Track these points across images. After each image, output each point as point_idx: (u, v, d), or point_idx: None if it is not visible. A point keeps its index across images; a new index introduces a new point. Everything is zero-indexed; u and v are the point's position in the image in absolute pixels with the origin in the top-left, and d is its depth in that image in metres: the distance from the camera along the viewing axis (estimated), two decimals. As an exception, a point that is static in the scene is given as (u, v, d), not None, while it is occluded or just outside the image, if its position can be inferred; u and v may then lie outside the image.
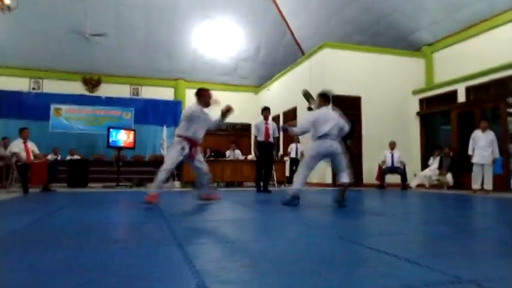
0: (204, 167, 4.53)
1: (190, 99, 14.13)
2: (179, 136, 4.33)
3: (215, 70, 13.91)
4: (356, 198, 6.50)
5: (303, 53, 12.49)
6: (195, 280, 1.46)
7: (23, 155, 6.92)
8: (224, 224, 3.11)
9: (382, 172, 9.08)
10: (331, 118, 4.50)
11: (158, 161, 11.57)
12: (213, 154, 10.36)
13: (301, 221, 3.25)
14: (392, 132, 9.84)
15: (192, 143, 4.33)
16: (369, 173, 9.71)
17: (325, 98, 4.72)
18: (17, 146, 6.97)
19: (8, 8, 7.83)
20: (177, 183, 9.89)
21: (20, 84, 12.35)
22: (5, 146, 7.85)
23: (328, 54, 10.02)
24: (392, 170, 9.04)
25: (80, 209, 4.27)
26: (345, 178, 4.43)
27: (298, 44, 12.88)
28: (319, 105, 4.71)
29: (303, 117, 10.78)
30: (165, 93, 14.01)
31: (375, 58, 10.39)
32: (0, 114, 11.50)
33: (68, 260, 1.82)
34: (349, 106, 10.01)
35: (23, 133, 7.11)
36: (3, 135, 9.07)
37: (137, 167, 10.91)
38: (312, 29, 12.06)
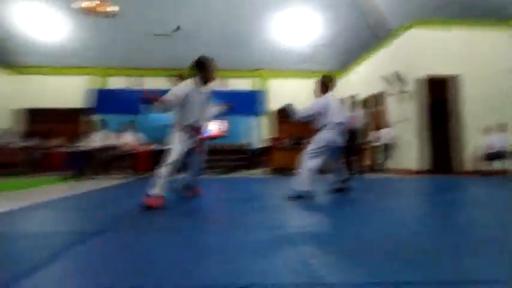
0: (203, 160, 3.89)
1: (271, 89, 14.42)
2: (179, 125, 3.47)
3: (294, 58, 13.87)
4: (458, 185, 6.00)
5: (386, 35, 11.75)
6: (300, 260, 1.56)
7: (132, 145, 7.83)
8: (319, 210, 3.16)
9: (488, 157, 8.21)
10: (340, 107, 4.04)
11: (245, 150, 12.13)
12: (295, 142, 10.44)
13: (399, 210, 3.15)
14: (495, 113, 8.81)
15: (197, 131, 3.57)
16: (471, 159, 8.85)
17: (327, 83, 4.08)
18: (126, 137, 7.92)
19: (112, 14, 8.80)
20: (263, 170, 10.23)
21: (124, 82, 13.89)
22: (117, 138, 8.97)
23: (416, 33, 9.29)
24: (501, 155, 8.10)
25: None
26: (345, 173, 4.28)
27: (380, 25, 12.13)
28: (322, 92, 4.05)
29: (390, 100, 10.23)
30: (247, 84, 14.47)
31: (469, 33, 9.34)
32: (111, 110, 13.11)
33: (178, 237, 2.08)
34: (444, 87, 9.21)
35: (131, 126, 8.03)
36: (112, 128, 10.33)
37: (226, 155, 11.56)
38: (396, 8, 11.23)
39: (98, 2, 8.57)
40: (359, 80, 12.61)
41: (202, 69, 3.47)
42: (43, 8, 11.61)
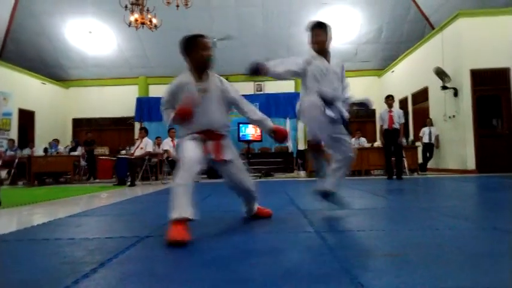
0: (247, 176, 2.68)
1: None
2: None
3: (334, 57, 13.64)
4: (509, 185, 5.63)
5: (432, 28, 11.29)
6: (339, 265, 1.53)
7: (172, 151, 8.05)
8: (357, 213, 3.10)
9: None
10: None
11: (283, 152, 12.09)
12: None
13: (443, 211, 3.00)
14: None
15: (205, 134, 2.46)
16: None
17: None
18: (167, 144, 8.16)
19: (155, 26, 9.18)
20: (302, 173, 10.15)
21: (165, 90, 14.32)
22: (158, 145, 9.26)
23: (464, 24, 8.82)
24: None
25: (222, 197, 4.76)
26: None
27: (426, 17, 11.67)
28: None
29: (435, 96, 9.80)
30: (286, 87, 14.42)
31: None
32: (152, 118, 13.57)
33: (224, 240, 2.10)
34: (494, 80, 8.68)
35: (171, 133, 8.26)
36: (154, 135, 10.68)
37: (265, 159, 11.56)
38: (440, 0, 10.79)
39: (143, 15, 8.96)
40: (401, 78, 12.21)
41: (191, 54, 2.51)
42: (94, 23, 12.31)
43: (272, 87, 14.45)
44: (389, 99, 7.35)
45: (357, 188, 5.49)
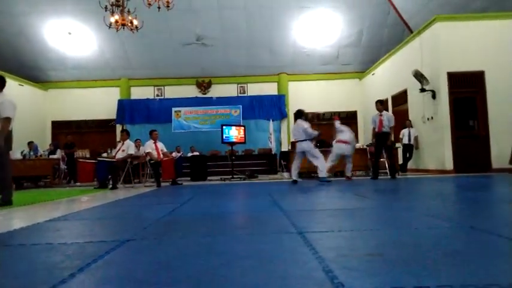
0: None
1: (293, 92, 14.38)
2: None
3: (316, 60, 13.81)
4: (486, 184, 5.80)
5: (411, 32, 11.55)
6: (320, 265, 1.54)
7: (155, 153, 7.95)
8: (340, 213, 3.13)
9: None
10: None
11: (267, 154, 12.11)
12: (318, 144, 10.33)
13: (423, 211, 3.07)
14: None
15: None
16: (499, 157, 8.54)
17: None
18: (149, 146, 8.05)
19: (136, 27, 9.06)
20: (285, 174, 10.19)
21: (147, 92, 14.17)
22: (138, 147, 9.13)
23: (441, 28, 9.07)
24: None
25: (205, 200, 4.74)
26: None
27: (404, 22, 11.94)
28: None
29: (414, 99, 10.02)
30: (269, 89, 14.48)
31: (499, 26, 9.04)
32: (134, 121, 13.40)
33: (205, 243, 2.08)
34: (470, 83, 8.94)
35: (153, 135, 8.16)
36: (136, 138, 10.54)
37: (248, 160, 11.57)
38: (419, 4, 11.05)
39: (124, 16, 8.82)
40: (382, 80, 12.43)
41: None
42: (74, 24, 12.06)
43: (255, 89, 14.50)
44: (377, 104, 7.71)
45: (339, 188, 5.55)
